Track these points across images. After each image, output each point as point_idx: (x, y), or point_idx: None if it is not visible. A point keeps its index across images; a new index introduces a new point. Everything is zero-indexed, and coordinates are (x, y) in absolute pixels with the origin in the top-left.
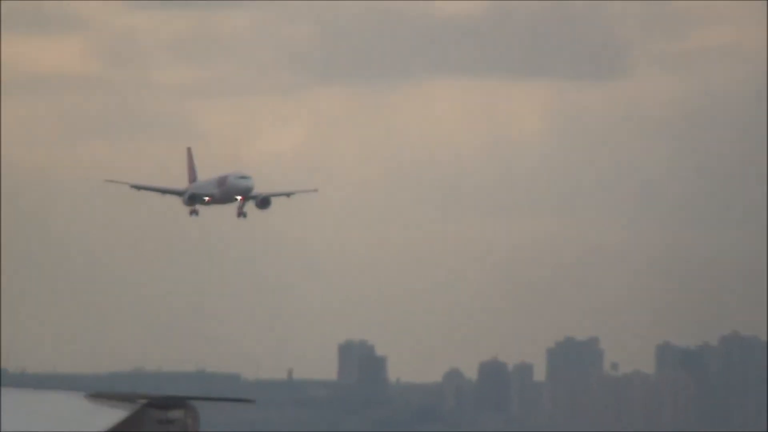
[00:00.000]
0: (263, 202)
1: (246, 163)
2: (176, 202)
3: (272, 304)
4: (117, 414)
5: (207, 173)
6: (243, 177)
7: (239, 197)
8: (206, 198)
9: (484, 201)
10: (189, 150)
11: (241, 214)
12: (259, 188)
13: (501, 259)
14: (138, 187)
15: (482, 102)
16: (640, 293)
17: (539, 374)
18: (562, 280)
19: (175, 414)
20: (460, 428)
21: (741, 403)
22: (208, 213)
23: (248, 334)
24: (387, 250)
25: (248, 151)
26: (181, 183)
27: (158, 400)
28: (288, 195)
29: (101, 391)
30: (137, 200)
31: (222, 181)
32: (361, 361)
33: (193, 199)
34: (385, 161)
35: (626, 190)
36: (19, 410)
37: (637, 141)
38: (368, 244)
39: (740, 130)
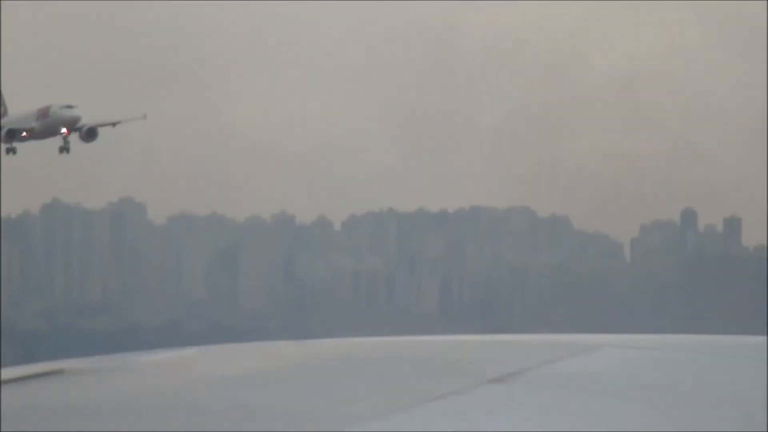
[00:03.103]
0: (89, 134)
1: None
2: None
3: None
4: None
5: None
6: (68, 106)
7: (64, 130)
8: (24, 133)
9: None
10: None
11: (65, 149)
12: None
13: None
14: None
15: None
16: None
17: None
18: None
19: None
20: None
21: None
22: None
23: None
24: None
25: None
26: None
27: None
28: (114, 125)
29: None
30: None
31: (44, 113)
32: None
33: (11, 135)
34: None
35: None
36: None
37: None
38: None
39: None
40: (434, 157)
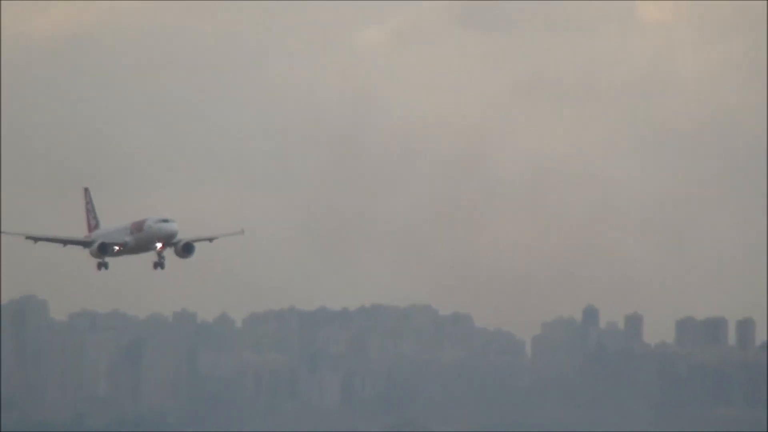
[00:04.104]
0: (186, 249)
1: None
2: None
3: None
4: None
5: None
6: (164, 220)
7: (159, 244)
8: (116, 247)
9: None
10: (87, 190)
11: (159, 264)
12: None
13: None
14: (35, 239)
15: None
16: None
17: None
18: None
19: None
20: None
21: None
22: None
23: None
24: None
25: None
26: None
27: None
28: (211, 240)
29: None
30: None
31: (138, 227)
32: None
33: (103, 250)
34: None
35: None
36: None
37: None
38: None
39: None
40: (335, 256)
